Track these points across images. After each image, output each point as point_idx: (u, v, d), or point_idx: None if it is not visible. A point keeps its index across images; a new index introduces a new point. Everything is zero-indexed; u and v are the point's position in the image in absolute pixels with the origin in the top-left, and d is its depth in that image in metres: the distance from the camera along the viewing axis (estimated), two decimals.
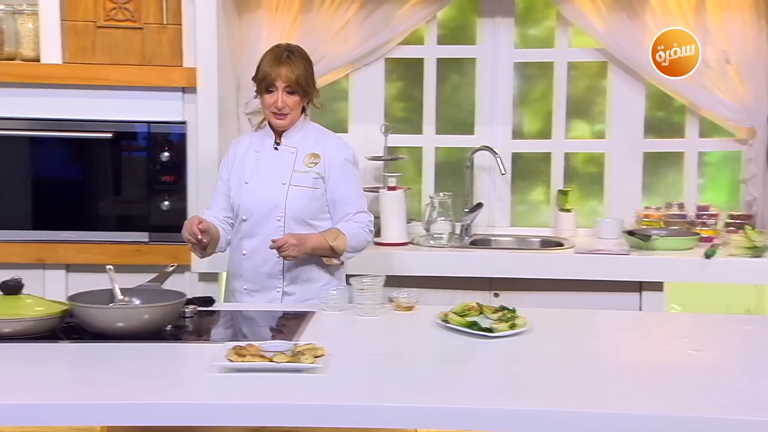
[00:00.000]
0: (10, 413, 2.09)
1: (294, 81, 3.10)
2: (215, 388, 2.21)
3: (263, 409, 2.12)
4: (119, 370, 2.33)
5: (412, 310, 2.93)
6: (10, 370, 2.33)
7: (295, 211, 3.13)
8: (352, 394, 2.20)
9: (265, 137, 3.22)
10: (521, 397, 2.20)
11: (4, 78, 3.81)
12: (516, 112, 4.37)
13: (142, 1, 3.82)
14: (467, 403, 2.14)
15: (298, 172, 3.16)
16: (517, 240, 4.26)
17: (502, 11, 4.28)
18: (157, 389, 2.20)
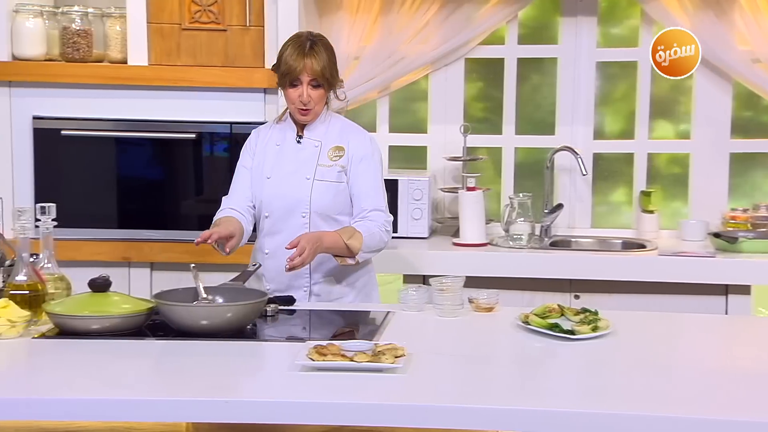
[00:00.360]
0: (98, 409, 2.13)
1: (319, 74, 2.97)
2: (297, 387, 2.22)
3: (344, 408, 2.13)
4: (203, 367, 2.37)
5: (492, 311, 2.91)
6: (98, 366, 2.38)
7: (321, 206, 3.04)
8: (432, 395, 2.20)
9: (286, 129, 3.10)
10: (603, 400, 2.17)
11: (92, 80, 3.90)
12: (597, 112, 4.32)
13: (226, 4, 3.88)
14: (548, 405, 2.12)
15: (323, 166, 3.05)
16: (598, 241, 4.20)
17: (584, 10, 4.23)
18: (240, 387, 2.23)
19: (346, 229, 3.01)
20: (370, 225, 3.04)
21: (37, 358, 2.46)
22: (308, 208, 3.04)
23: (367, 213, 3.06)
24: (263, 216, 3.08)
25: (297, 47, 2.98)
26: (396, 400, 2.14)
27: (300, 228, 3.02)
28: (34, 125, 3.93)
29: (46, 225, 2.74)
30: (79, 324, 2.58)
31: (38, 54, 3.93)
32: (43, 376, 2.33)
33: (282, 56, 3.01)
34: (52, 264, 2.77)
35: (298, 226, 3.03)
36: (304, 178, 3.04)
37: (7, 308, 2.54)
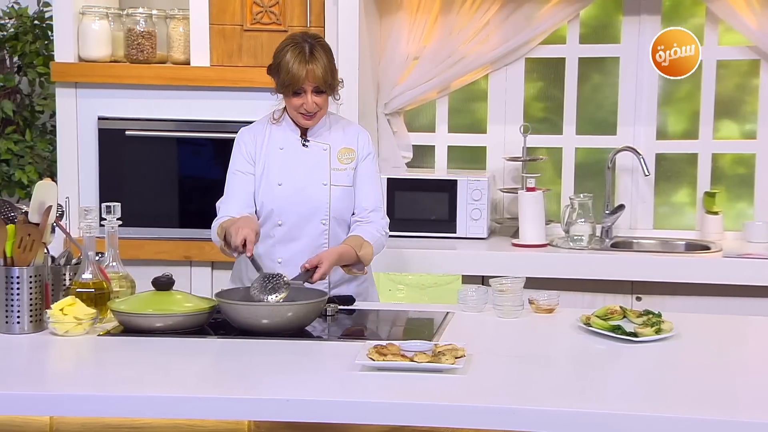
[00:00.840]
0: (162, 406, 2.16)
1: (322, 80, 2.85)
2: (357, 386, 2.23)
3: (404, 408, 2.13)
4: (264, 366, 2.39)
5: (552, 312, 2.89)
6: (162, 364, 2.42)
7: (339, 212, 2.98)
8: (492, 396, 2.18)
9: (286, 132, 2.99)
10: (667, 403, 2.14)
11: (156, 80, 3.95)
12: (660, 112, 4.26)
13: (287, 5, 3.90)
14: (611, 408, 2.10)
15: (336, 170, 2.97)
16: (660, 243, 4.15)
17: (647, 9, 4.18)
18: (301, 386, 2.24)
19: (355, 240, 2.93)
20: (373, 231, 2.98)
21: (102, 355, 2.50)
22: (328, 214, 2.97)
23: (368, 213, 3.02)
24: (275, 224, 2.97)
25: (297, 53, 2.84)
26: (456, 401, 2.14)
27: (319, 235, 2.97)
28: (99, 126, 3.99)
29: (111, 224, 2.78)
30: (143, 322, 2.62)
31: (103, 55, 3.99)
32: (109, 374, 2.37)
33: (281, 63, 2.87)
34: (117, 262, 2.81)
35: (317, 233, 2.97)
36: (320, 183, 2.97)
37: (74, 306, 2.59)
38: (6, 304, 2.61)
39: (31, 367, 2.46)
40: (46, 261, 2.70)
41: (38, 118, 4.38)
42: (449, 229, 4.03)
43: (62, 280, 2.77)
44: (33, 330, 2.62)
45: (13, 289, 2.60)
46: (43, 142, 4.31)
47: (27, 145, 4.27)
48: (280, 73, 2.89)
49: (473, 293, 2.91)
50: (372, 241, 2.95)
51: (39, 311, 2.63)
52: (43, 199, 2.67)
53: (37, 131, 4.35)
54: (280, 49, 2.92)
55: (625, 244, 4.14)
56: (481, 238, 4.04)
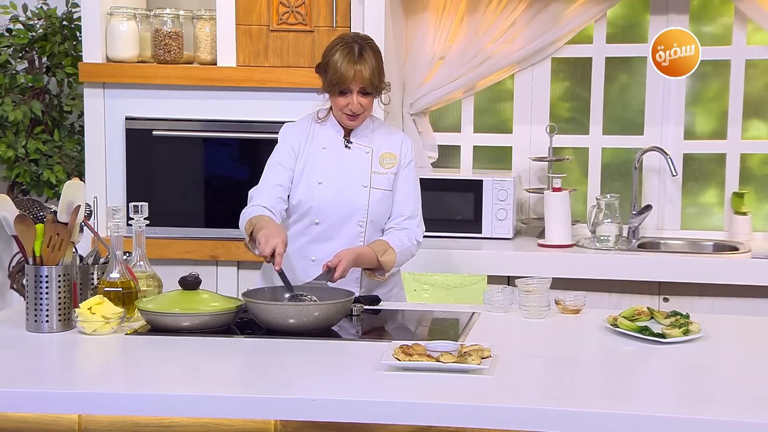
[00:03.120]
0: (189, 405, 2.17)
1: (369, 82, 2.86)
2: (383, 386, 2.23)
3: (430, 409, 2.13)
4: (290, 365, 2.39)
5: (578, 313, 2.88)
6: (188, 363, 2.43)
7: (376, 215, 2.98)
8: (518, 397, 2.18)
9: (330, 132, 2.99)
10: (695, 405, 2.13)
11: (183, 81, 3.97)
12: (688, 112, 4.23)
13: (313, 5, 3.91)
14: (638, 410, 2.08)
15: (377, 173, 2.98)
16: (688, 243, 4.12)
17: (675, 8, 4.15)
18: (327, 385, 2.25)
19: (380, 244, 2.93)
20: (403, 239, 2.98)
21: (129, 354, 2.51)
22: (365, 216, 2.97)
23: (403, 220, 3.01)
24: (312, 222, 2.97)
25: (346, 53, 2.86)
26: (482, 402, 2.14)
27: (355, 237, 2.97)
28: (126, 126, 4.02)
29: (139, 224, 2.79)
30: (170, 321, 2.63)
31: (131, 56, 4.01)
32: (136, 372, 2.38)
33: (329, 62, 2.88)
34: (144, 262, 2.82)
35: (353, 234, 2.97)
36: (360, 185, 2.97)
37: (102, 305, 2.61)
38: (35, 302, 2.63)
39: (60, 365, 2.48)
40: (75, 260, 2.72)
41: (66, 118, 4.41)
42: (475, 229, 4.02)
43: (90, 279, 2.79)
44: (61, 329, 2.64)
45: (41, 288, 2.63)
46: (71, 142, 4.34)
47: (55, 145, 4.30)
48: (328, 72, 2.89)
49: (499, 294, 2.90)
50: (398, 249, 2.94)
51: (67, 310, 2.65)
52: (72, 199, 2.69)
53: (65, 131, 4.38)
54: (329, 48, 2.92)
55: (652, 244, 4.12)
56: (506, 239, 4.03)
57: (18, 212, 2.68)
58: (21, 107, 4.20)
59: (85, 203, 2.75)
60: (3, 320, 2.80)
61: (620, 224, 3.99)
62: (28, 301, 2.66)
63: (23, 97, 4.28)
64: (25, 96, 4.28)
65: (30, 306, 2.64)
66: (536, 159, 4.21)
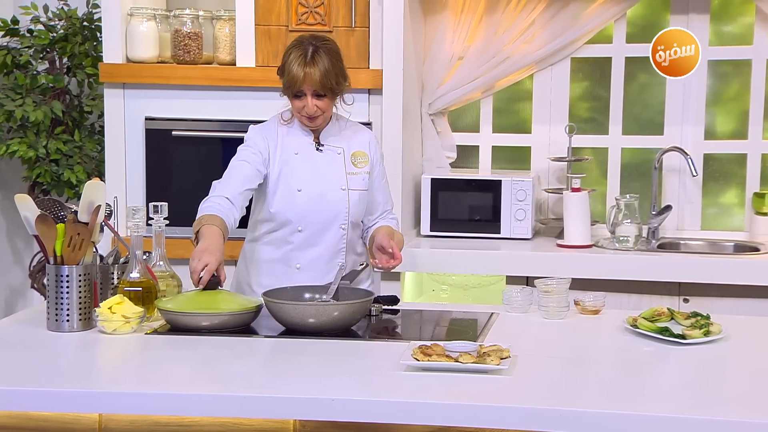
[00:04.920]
0: (208, 404, 2.18)
1: (319, 85, 2.84)
2: (402, 386, 2.23)
3: (449, 409, 2.13)
4: (310, 365, 2.40)
5: (598, 313, 2.87)
6: (208, 363, 2.43)
7: (356, 216, 3.00)
8: (538, 397, 2.17)
9: (300, 135, 2.98)
10: (717, 407, 2.12)
11: (202, 81, 3.98)
12: (708, 112, 4.21)
13: (332, 5, 3.91)
14: (659, 411, 2.07)
15: (351, 174, 2.99)
16: (708, 244, 4.10)
17: (695, 8, 4.13)
18: (346, 385, 2.25)
19: (388, 228, 3.01)
20: (395, 224, 3.10)
21: (149, 354, 2.52)
22: (347, 219, 2.98)
23: (387, 213, 3.11)
24: (295, 230, 2.96)
25: (298, 55, 2.84)
26: (501, 402, 2.13)
27: (339, 239, 2.99)
28: (146, 126, 4.03)
29: (159, 223, 2.81)
30: (190, 321, 2.64)
31: (151, 56, 4.03)
32: (156, 372, 2.39)
33: (284, 64, 2.89)
34: (164, 261, 2.84)
35: (336, 237, 2.99)
36: (338, 189, 2.97)
37: (122, 304, 2.62)
38: (56, 302, 2.65)
39: (80, 365, 2.49)
40: (95, 260, 2.74)
41: (87, 118, 4.43)
42: (493, 229, 4.02)
43: (110, 278, 2.81)
44: (82, 328, 2.65)
45: (62, 288, 2.64)
46: (92, 142, 4.37)
47: (76, 145, 4.33)
48: (284, 74, 2.90)
49: (518, 294, 2.90)
50: (397, 231, 3.06)
51: (88, 309, 2.66)
52: (92, 199, 2.71)
53: (85, 131, 4.41)
54: (286, 50, 2.93)
55: (672, 245, 4.10)
56: (525, 239, 4.02)
57: (39, 212, 2.69)
58: (42, 107, 4.22)
59: (105, 203, 2.76)
60: (24, 320, 2.82)
61: (640, 225, 3.97)
62: (48, 300, 2.68)
63: (44, 97, 4.30)
64: (46, 96, 4.31)
65: (51, 305, 2.66)
66: (555, 159, 4.20)
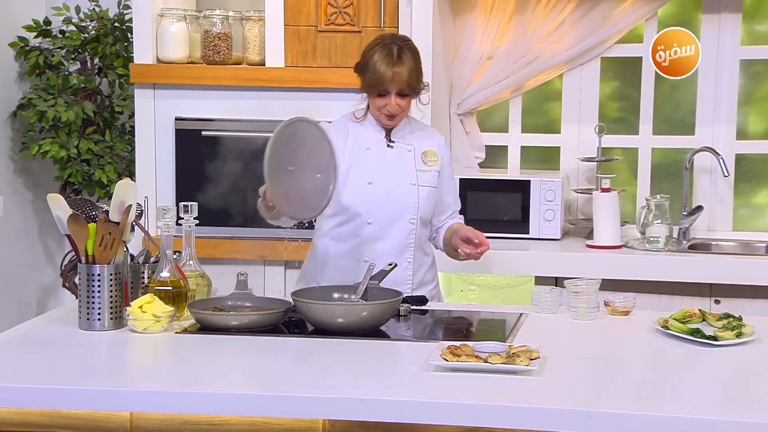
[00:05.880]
0: (238, 403, 2.19)
1: (406, 84, 2.90)
2: (431, 387, 2.23)
3: (479, 410, 2.12)
4: (339, 365, 2.40)
5: (628, 314, 2.85)
6: (237, 362, 2.44)
7: (425, 212, 3.03)
8: (568, 398, 2.16)
9: (372, 132, 3.02)
10: (749, 409, 2.11)
11: (232, 81, 3.99)
12: (740, 112, 4.17)
13: (361, 5, 3.91)
14: (691, 413, 2.06)
15: (421, 171, 3.02)
16: (740, 245, 4.06)
17: (728, 6, 4.09)
18: (375, 385, 2.25)
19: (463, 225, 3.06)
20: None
21: (180, 353, 2.54)
22: (416, 214, 3.01)
23: (455, 213, 3.15)
24: (364, 222, 2.98)
25: (385, 55, 2.89)
26: (531, 403, 2.12)
27: (407, 234, 3.01)
28: (176, 126, 4.05)
29: (189, 223, 2.82)
30: (219, 320, 2.66)
31: (181, 57, 4.05)
32: (187, 370, 2.40)
33: (368, 63, 2.92)
34: (194, 261, 2.85)
35: (405, 232, 3.00)
36: (409, 183, 3.00)
37: (152, 304, 2.64)
38: (87, 301, 2.67)
39: (111, 363, 2.51)
40: (126, 259, 2.76)
41: (117, 118, 4.47)
42: (522, 229, 4.00)
43: (141, 278, 2.83)
44: (113, 327, 2.67)
45: (94, 287, 2.66)
46: (122, 142, 4.40)
47: (107, 145, 4.36)
48: (367, 73, 2.93)
49: (547, 294, 2.88)
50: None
51: (119, 308, 2.68)
52: (123, 199, 2.72)
53: (116, 132, 4.44)
54: (368, 49, 2.96)
55: (703, 246, 4.07)
56: (554, 239, 4.01)
57: (71, 212, 2.71)
58: (73, 108, 4.26)
59: (135, 203, 2.78)
60: (56, 318, 2.84)
61: (670, 225, 3.94)
62: (80, 299, 2.69)
63: (75, 98, 4.34)
64: (78, 97, 4.34)
65: (82, 304, 2.68)
66: (585, 159, 4.18)
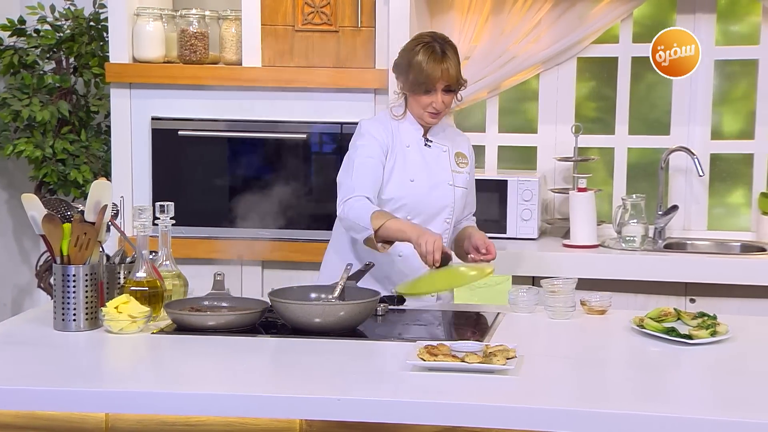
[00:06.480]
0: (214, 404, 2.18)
1: (455, 80, 2.95)
2: (408, 386, 2.23)
3: (456, 409, 2.13)
4: (316, 365, 2.40)
5: (604, 314, 2.87)
6: (214, 362, 2.44)
7: (458, 212, 3.10)
8: (544, 397, 2.17)
9: (410, 130, 3.05)
10: (724, 407, 2.13)
11: (208, 81, 3.98)
12: (715, 112, 4.20)
13: (338, 5, 3.91)
14: (666, 411, 2.07)
15: (455, 172, 3.08)
16: (715, 244, 4.09)
17: (702, 7, 4.12)
18: (352, 385, 2.25)
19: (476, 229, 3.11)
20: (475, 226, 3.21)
21: (156, 353, 2.53)
22: (452, 214, 3.07)
23: (470, 215, 3.21)
24: (404, 218, 2.97)
25: (430, 53, 2.92)
26: (507, 402, 2.13)
27: (443, 232, 3.03)
28: (152, 126, 4.04)
29: (165, 223, 2.81)
30: (195, 320, 2.65)
31: (157, 56, 4.03)
32: (163, 371, 2.40)
33: (412, 62, 2.94)
34: (170, 261, 2.84)
35: (440, 230, 3.01)
36: (446, 183, 3.06)
37: (128, 304, 2.62)
38: (62, 301, 2.65)
39: (87, 364, 2.50)
40: (101, 259, 2.74)
41: (93, 118, 4.44)
42: (499, 229, 4.01)
43: (116, 278, 2.81)
44: (88, 327, 2.66)
45: (69, 287, 2.65)
46: (98, 142, 4.37)
47: (82, 145, 4.34)
48: (411, 72, 2.94)
49: (524, 294, 2.90)
50: None
51: (94, 309, 2.67)
52: (99, 199, 2.71)
53: (92, 131, 4.41)
54: (409, 49, 2.98)
55: (679, 245, 4.09)
56: (531, 239, 4.02)
57: (46, 212, 2.70)
58: (48, 107, 4.23)
59: (111, 203, 2.76)
60: (31, 319, 2.82)
61: (646, 225, 3.97)
62: (55, 300, 2.68)
63: (50, 97, 4.31)
64: (53, 96, 4.31)
65: (57, 305, 2.67)
66: (561, 159, 4.19)
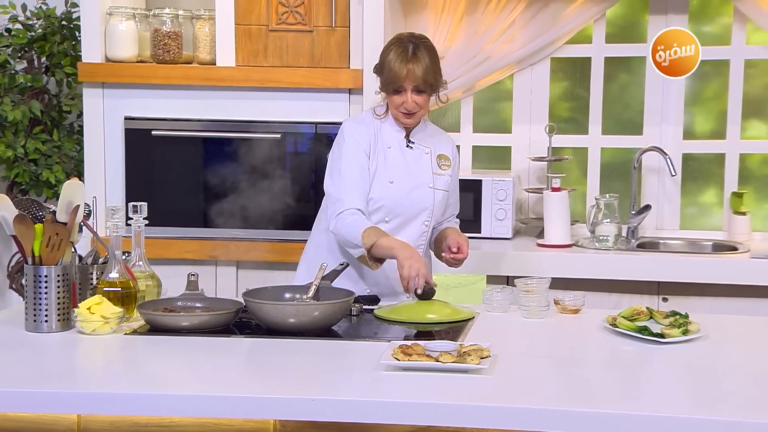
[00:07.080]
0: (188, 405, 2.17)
1: (422, 80, 2.93)
2: (382, 386, 2.23)
3: (430, 409, 2.13)
4: (290, 365, 2.40)
5: (577, 313, 2.88)
6: (188, 363, 2.43)
7: (438, 215, 3.10)
8: (518, 396, 2.18)
9: (391, 131, 3.05)
10: (696, 405, 2.14)
11: (182, 81, 3.97)
12: (687, 112, 4.23)
13: (312, 5, 3.91)
14: (639, 410, 2.09)
15: (437, 174, 3.08)
16: (687, 243, 4.12)
17: (674, 8, 4.15)
18: (326, 385, 2.25)
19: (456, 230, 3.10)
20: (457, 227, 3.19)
21: (129, 354, 2.52)
22: (430, 216, 3.07)
23: (453, 218, 3.20)
24: (382, 220, 3.00)
25: (400, 52, 2.94)
26: (481, 401, 2.14)
27: (420, 236, 3.05)
28: (125, 126, 4.01)
29: (138, 223, 2.80)
30: (169, 321, 2.64)
31: (130, 56, 4.01)
32: (136, 372, 2.38)
33: (385, 61, 2.98)
34: (143, 262, 2.83)
35: (418, 233, 3.04)
36: (426, 186, 3.05)
37: (101, 305, 2.61)
38: (34, 302, 2.63)
39: (59, 365, 2.48)
40: (74, 260, 2.72)
41: (65, 118, 4.41)
42: (474, 229, 4.02)
43: (89, 279, 2.80)
44: (60, 329, 2.64)
45: (41, 288, 2.63)
46: (71, 141, 4.34)
47: (54, 144, 4.30)
48: (384, 71, 2.98)
49: (498, 293, 2.91)
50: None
51: (66, 310, 2.65)
52: (71, 199, 2.69)
53: (64, 131, 4.38)
54: (385, 48, 3.02)
55: (652, 244, 4.12)
56: (505, 239, 4.03)
57: (17, 212, 2.68)
58: (20, 107, 4.19)
59: (84, 203, 2.75)
60: (2, 320, 2.80)
61: (619, 224, 3.99)
62: (27, 301, 2.66)
63: (22, 96, 4.27)
64: (24, 96, 4.28)
65: (29, 306, 2.65)
66: (535, 159, 4.21)
